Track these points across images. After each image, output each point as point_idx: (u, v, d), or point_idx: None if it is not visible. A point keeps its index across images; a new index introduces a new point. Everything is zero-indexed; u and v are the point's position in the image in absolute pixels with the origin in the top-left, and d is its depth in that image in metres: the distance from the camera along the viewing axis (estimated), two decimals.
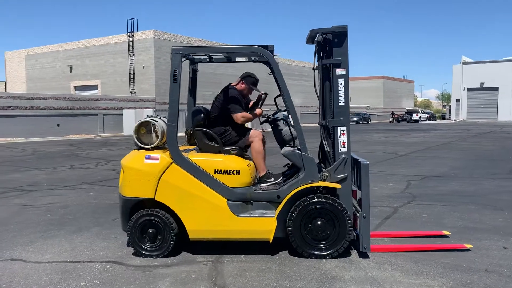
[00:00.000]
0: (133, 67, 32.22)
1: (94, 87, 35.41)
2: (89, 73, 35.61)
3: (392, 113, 56.17)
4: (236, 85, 4.88)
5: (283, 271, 3.95)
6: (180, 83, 4.31)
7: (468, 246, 4.51)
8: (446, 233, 4.99)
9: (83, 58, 35.88)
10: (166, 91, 4.96)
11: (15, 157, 14.30)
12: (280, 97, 5.05)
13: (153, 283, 3.69)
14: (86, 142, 21.99)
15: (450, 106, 69.85)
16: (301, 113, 44.06)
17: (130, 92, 32.12)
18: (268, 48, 4.34)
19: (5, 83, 43.09)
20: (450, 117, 66.27)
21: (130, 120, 26.79)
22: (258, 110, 4.78)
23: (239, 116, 4.58)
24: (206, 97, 35.66)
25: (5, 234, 5.21)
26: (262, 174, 4.69)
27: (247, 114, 4.64)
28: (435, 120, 64.64)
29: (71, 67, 36.90)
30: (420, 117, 56.48)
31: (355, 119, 50.37)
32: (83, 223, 5.64)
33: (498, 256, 4.30)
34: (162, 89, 31.67)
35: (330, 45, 4.38)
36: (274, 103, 5.24)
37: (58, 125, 26.42)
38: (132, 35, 32.36)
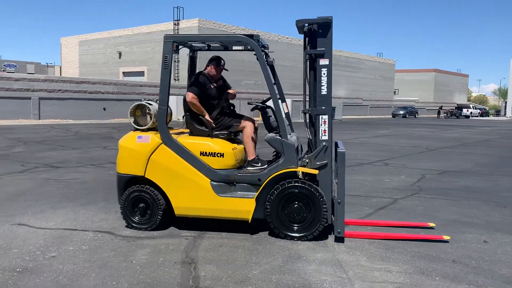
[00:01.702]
0: (178, 54, 33.02)
1: (141, 73, 36.64)
2: (136, 60, 36.88)
3: (440, 108, 54.22)
4: (204, 70, 5.11)
5: (255, 248, 4.19)
6: (171, 69, 4.62)
7: (446, 237, 4.55)
8: (431, 224, 5.04)
9: (131, 45, 37.19)
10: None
11: (57, 137, 15.26)
12: (275, 85, 5.25)
13: (133, 251, 4.05)
14: (128, 125, 22.92)
15: (506, 102, 66.52)
16: (344, 105, 43.60)
17: (174, 79, 33.01)
18: (254, 38, 4.53)
19: (60, 67, 45.41)
20: (505, 114, 63.16)
21: (172, 107, 27.53)
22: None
23: (189, 95, 4.75)
24: (248, 86, 36.11)
25: (22, 203, 5.76)
26: (250, 158, 4.91)
27: (196, 100, 4.74)
28: (488, 116, 61.78)
29: (120, 54, 38.35)
30: (471, 112, 54.20)
31: (401, 112, 49.16)
32: (93, 198, 6.11)
33: (473, 248, 4.33)
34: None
35: (315, 36, 4.52)
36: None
37: (104, 109, 27.66)
38: (178, 23, 33.17)
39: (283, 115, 4.60)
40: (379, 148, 13.84)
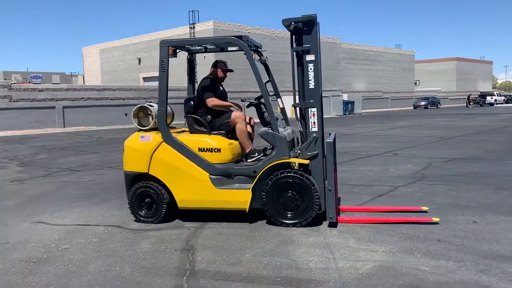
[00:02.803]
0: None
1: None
2: (156, 65, 37.54)
3: (469, 97, 53.07)
4: (209, 74, 5.43)
5: (251, 235, 4.49)
6: (168, 72, 4.96)
7: (436, 219, 4.74)
8: (425, 208, 5.22)
9: (150, 51, 37.95)
10: (226, 81, 5.51)
11: (80, 143, 15.88)
12: (270, 82, 5.55)
13: (138, 241, 4.40)
14: None
15: None
16: (363, 99, 43.39)
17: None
18: (242, 38, 4.82)
19: (83, 76, 46.65)
20: None
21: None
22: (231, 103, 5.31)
23: (209, 101, 5.15)
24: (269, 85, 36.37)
25: (42, 203, 6.20)
26: (247, 150, 5.22)
27: (217, 100, 5.18)
28: None
29: (139, 60, 39.18)
30: (495, 100, 53.12)
31: (422, 103, 48.53)
32: (107, 197, 6.52)
33: (460, 228, 4.51)
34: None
35: (301, 33, 4.78)
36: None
37: (126, 114, 28.00)
38: (194, 27, 33.69)
39: (274, 110, 4.87)
40: (393, 139, 13.93)
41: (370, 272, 3.48)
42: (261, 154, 5.13)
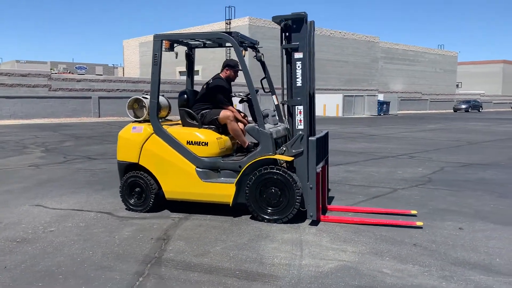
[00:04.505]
0: (229, 53, 33.86)
1: (196, 72, 37.87)
2: None
3: None
4: (221, 73, 5.52)
5: (230, 229, 4.56)
6: (160, 66, 5.09)
7: (419, 223, 4.66)
8: (413, 212, 5.13)
9: None
10: (259, 76, 5.57)
11: (109, 133, 16.40)
12: (265, 79, 5.60)
13: (121, 228, 4.56)
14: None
15: None
16: (401, 100, 42.47)
17: None
18: (232, 35, 4.88)
19: (123, 68, 47.95)
20: None
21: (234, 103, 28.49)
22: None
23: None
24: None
25: (47, 187, 6.50)
26: (245, 146, 5.30)
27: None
28: None
29: (176, 54, 39.78)
30: None
31: (463, 106, 47.01)
32: (110, 185, 6.75)
33: (442, 234, 4.41)
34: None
35: (290, 31, 4.79)
36: (260, 84, 5.74)
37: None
38: (230, 23, 33.98)
39: (267, 107, 4.91)
40: (416, 142, 13.61)
41: (329, 271, 3.48)
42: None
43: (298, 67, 4.76)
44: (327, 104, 33.39)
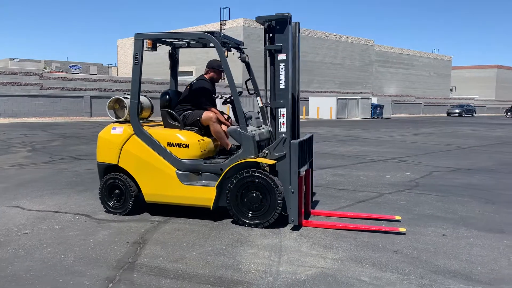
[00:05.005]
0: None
1: (190, 73, 37.76)
2: (185, 60, 37.99)
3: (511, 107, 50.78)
4: (205, 75, 5.42)
5: (209, 233, 4.46)
6: (141, 66, 4.99)
7: (402, 229, 4.58)
8: (397, 217, 5.05)
9: None
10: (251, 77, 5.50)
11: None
12: (250, 80, 5.51)
13: (97, 232, 4.44)
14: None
15: None
16: (395, 103, 42.53)
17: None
18: (214, 35, 4.79)
19: (117, 68, 47.73)
20: None
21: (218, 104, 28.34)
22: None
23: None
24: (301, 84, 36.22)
25: (28, 188, 6.38)
26: (228, 148, 5.20)
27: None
28: None
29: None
30: None
31: (456, 111, 47.13)
32: (92, 186, 6.63)
33: (425, 241, 4.33)
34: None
35: (274, 32, 4.70)
36: (245, 86, 5.65)
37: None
38: (224, 24, 33.90)
39: (251, 109, 4.82)
40: (407, 146, 13.57)
41: (306, 279, 3.39)
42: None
43: (282, 69, 4.67)
44: (321, 107, 33.35)
